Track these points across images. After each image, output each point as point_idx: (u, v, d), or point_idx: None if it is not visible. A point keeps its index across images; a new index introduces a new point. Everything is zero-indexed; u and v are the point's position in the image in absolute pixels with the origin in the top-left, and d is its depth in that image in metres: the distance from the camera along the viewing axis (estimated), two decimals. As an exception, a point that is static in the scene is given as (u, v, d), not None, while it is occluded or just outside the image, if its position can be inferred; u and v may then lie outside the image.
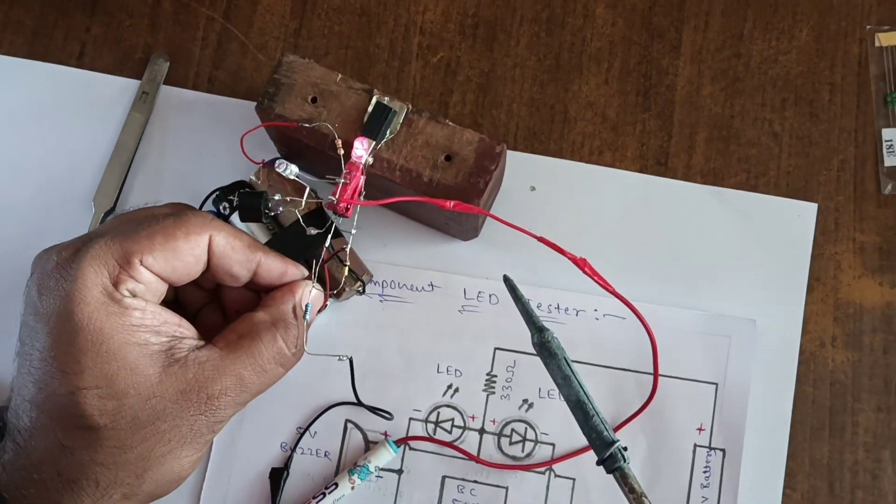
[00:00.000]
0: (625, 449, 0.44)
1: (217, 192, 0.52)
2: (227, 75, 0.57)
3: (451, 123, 0.47)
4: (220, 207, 0.52)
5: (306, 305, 0.44)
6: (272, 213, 0.47)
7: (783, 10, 0.57)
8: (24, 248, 0.54)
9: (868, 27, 0.56)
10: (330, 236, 0.46)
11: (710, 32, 0.56)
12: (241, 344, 0.43)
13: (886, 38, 0.55)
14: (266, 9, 0.58)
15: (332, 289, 0.50)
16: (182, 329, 0.43)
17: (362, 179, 0.46)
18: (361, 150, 0.44)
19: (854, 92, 0.55)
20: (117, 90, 0.57)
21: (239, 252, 0.44)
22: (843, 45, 0.56)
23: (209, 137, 0.56)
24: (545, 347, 0.44)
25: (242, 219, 0.47)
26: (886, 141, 0.54)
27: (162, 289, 0.43)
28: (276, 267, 0.45)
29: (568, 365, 0.44)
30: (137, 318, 0.41)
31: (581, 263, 0.47)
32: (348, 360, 0.49)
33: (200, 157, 0.56)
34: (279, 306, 0.45)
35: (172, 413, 0.41)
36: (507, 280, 0.46)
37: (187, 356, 0.42)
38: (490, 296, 0.53)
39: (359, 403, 0.51)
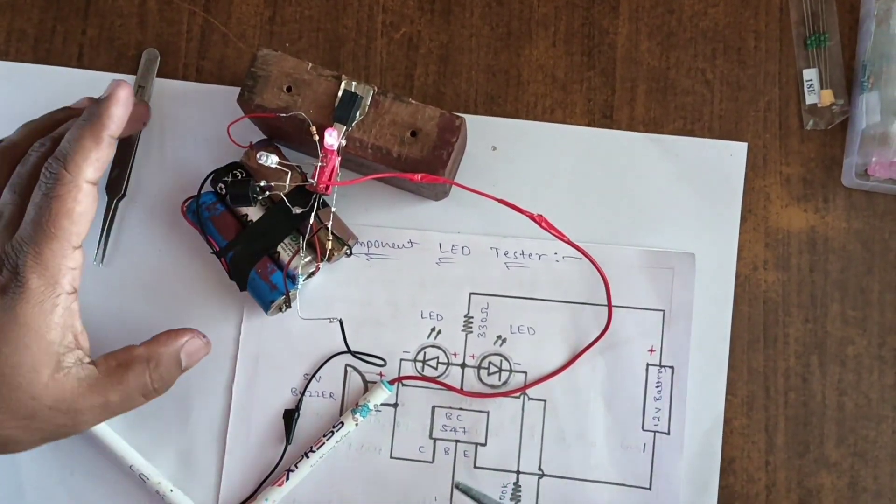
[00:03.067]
0: None
1: (213, 174, 0.56)
2: (212, 64, 0.60)
3: (413, 101, 0.51)
4: (217, 188, 0.56)
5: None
6: (259, 197, 0.50)
7: (711, -36, 0.59)
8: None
9: (785, -21, 0.58)
10: (314, 211, 0.50)
11: (645, -9, 0.59)
12: (117, 371, 0.47)
13: (803, -13, 0.58)
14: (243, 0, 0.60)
15: (323, 255, 0.54)
16: (80, 340, 0.46)
17: (338, 161, 0.49)
18: (332, 138, 0.48)
19: (777, 37, 0.58)
20: (116, 85, 0.60)
21: None
22: (767, -6, 0.59)
23: (202, 123, 0.59)
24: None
25: (234, 205, 0.51)
26: (807, 81, 0.57)
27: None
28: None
29: None
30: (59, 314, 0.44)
31: (538, 220, 0.50)
32: (339, 322, 0.54)
33: (197, 142, 0.59)
34: (158, 348, 0.49)
35: (43, 417, 0.44)
36: (459, 487, 0.55)
37: (71, 369, 0.45)
38: (462, 248, 0.57)
39: (353, 354, 0.56)
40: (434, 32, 0.59)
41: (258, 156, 0.48)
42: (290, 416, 0.56)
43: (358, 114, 0.50)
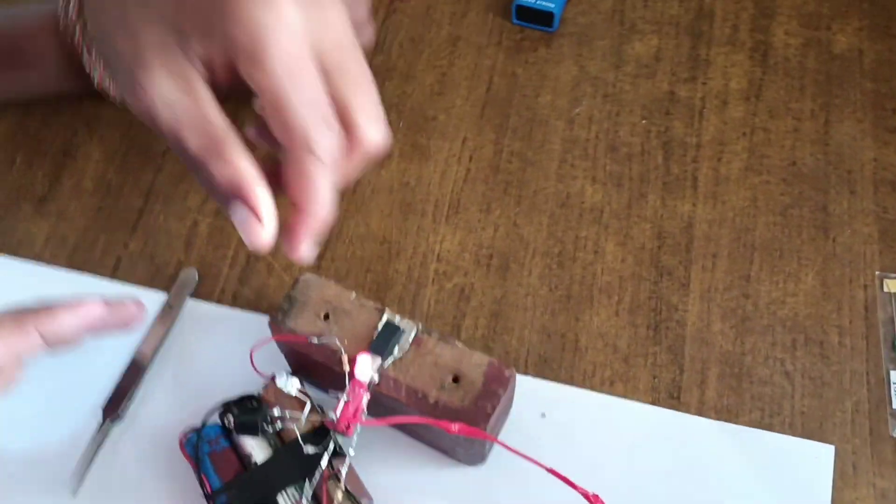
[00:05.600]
0: None
1: (223, 405, 0.48)
2: (251, 291, 0.54)
3: (459, 345, 0.44)
4: (225, 420, 0.47)
5: None
6: (271, 429, 0.42)
7: (788, 255, 0.54)
8: (29, 453, 0.49)
9: (877, 273, 0.52)
10: (328, 455, 0.41)
11: (717, 273, 0.53)
12: None
13: (895, 285, 0.52)
14: (294, 233, 0.56)
15: (330, 511, 0.44)
16: None
17: (366, 398, 0.41)
18: (365, 366, 0.40)
19: (862, 335, 0.51)
20: (146, 301, 0.54)
21: None
22: (849, 291, 0.52)
23: (226, 350, 0.52)
24: None
25: (240, 432, 0.42)
26: (894, 383, 0.49)
27: None
28: None
29: None
30: None
31: (593, 500, 0.41)
32: None
33: (216, 369, 0.52)
34: None
35: None
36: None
37: None
38: (495, 528, 0.46)
39: None
40: (488, 287, 0.54)
41: (277, 377, 0.40)
42: None
43: (397, 349, 0.43)
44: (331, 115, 0.36)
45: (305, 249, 0.38)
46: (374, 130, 0.38)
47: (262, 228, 0.36)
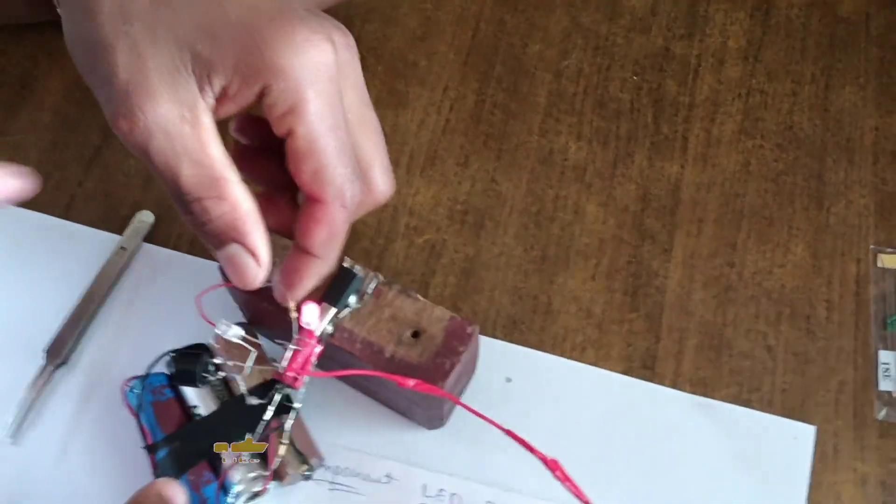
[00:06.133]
0: None
1: (172, 354, 0.45)
2: (209, 238, 0.51)
3: (421, 298, 0.40)
4: (171, 371, 0.44)
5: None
6: (211, 379, 0.39)
7: (778, 224, 0.51)
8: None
9: (872, 247, 0.49)
10: (273, 407, 0.38)
11: (702, 239, 0.50)
12: None
13: (890, 260, 0.49)
14: (259, 178, 0.53)
15: (274, 469, 0.41)
16: None
17: (317, 350, 0.38)
18: (312, 314, 0.37)
19: (852, 311, 0.48)
20: (98, 244, 0.51)
21: None
22: (841, 264, 0.49)
23: (180, 298, 0.49)
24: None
25: (178, 382, 0.39)
26: (883, 364, 0.46)
27: None
28: None
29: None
30: None
31: (552, 465, 0.38)
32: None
33: (168, 316, 0.49)
34: None
35: None
36: None
37: None
38: (452, 495, 0.43)
39: None
40: (460, 244, 0.50)
41: (217, 323, 0.37)
42: None
43: (353, 299, 0.40)
44: (356, 163, 0.34)
45: (303, 293, 0.37)
46: (387, 183, 0.37)
47: (259, 270, 0.35)
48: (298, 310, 0.38)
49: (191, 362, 0.39)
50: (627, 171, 0.52)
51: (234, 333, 0.37)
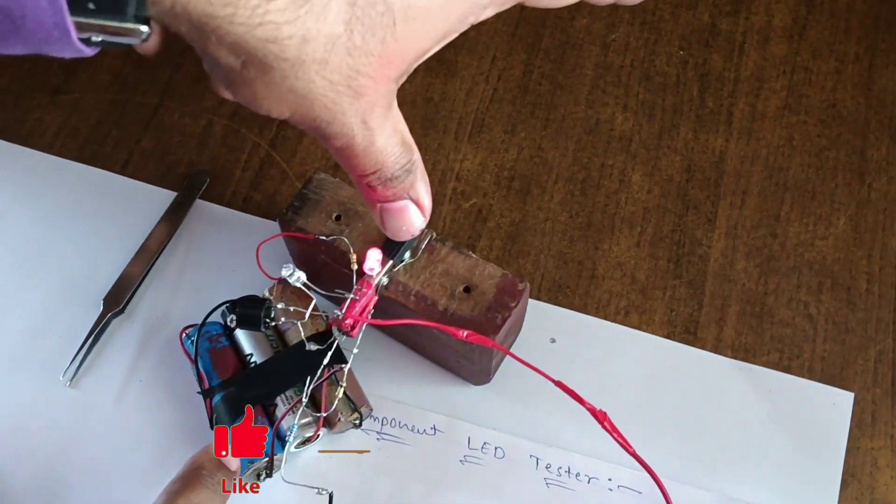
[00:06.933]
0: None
1: (226, 305, 0.46)
2: (262, 197, 0.52)
3: (473, 255, 0.41)
4: (228, 320, 0.45)
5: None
6: (272, 324, 0.40)
7: (820, 197, 0.51)
8: (28, 340, 0.48)
9: (912, 219, 0.50)
10: (331, 354, 0.39)
11: (746, 210, 0.51)
12: None
13: (930, 232, 0.49)
14: (312, 141, 0.54)
15: (327, 417, 0.42)
16: None
17: (374, 300, 0.39)
18: (374, 261, 0.38)
19: (892, 283, 0.48)
20: (154, 200, 0.52)
21: None
22: (882, 238, 0.50)
23: (233, 253, 0.50)
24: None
25: (241, 327, 0.40)
26: (927, 337, 0.47)
27: None
28: None
29: None
30: None
31: (601, 416, 0.39)
32: (328, 496, 0.40)
33: (221, 270, 0.50)
34: None
35: None
36: None
37: None
38: (496, 448, 0.44)
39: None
40: (507, 209, 0.51)
41: (283, 268, 0.38)
42: None
43: (408, 255, 0.41)
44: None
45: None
46: (429, 200, 0.37)
47: (424, 219, 0.36)
48: (359, 261, 0.39)
49: (255, 307, 0.40)
50: (673, 143, 0.53)
51: (298, 277, 0.38)
